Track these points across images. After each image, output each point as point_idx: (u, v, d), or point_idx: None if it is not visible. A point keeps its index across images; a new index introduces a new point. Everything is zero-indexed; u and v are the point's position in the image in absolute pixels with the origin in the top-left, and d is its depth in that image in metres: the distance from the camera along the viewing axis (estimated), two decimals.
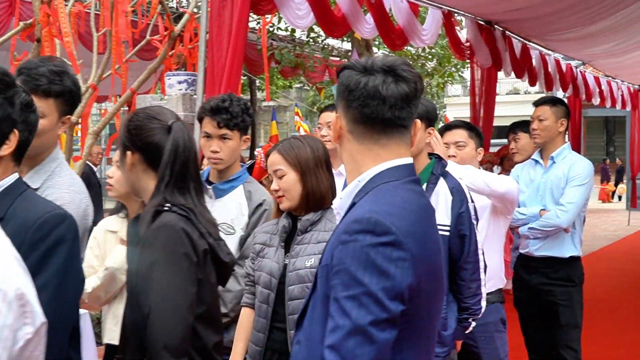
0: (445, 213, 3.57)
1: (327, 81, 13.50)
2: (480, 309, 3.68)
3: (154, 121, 2.46)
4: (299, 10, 6.14)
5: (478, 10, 8.39)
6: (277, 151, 3.23)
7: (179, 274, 2.30)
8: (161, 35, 6.95)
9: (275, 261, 3.20)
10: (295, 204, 3.20)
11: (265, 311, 3.19)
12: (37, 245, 2.02)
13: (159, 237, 2.29)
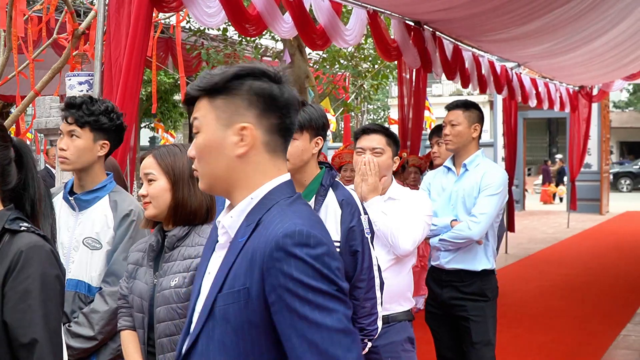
0: (334, 228, 3.32)
1: None
2: (376, 329, 3.44)
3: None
4: (208, 8, 5.82)
5: (405, 9, 8.16)
6: (152, 155, 3.01)
7: (55, 298, 2.13)
8: (68, 33, 6.60)
9: (144, 282, 2.97)
10: (161, 214, 2.96)
11: (142, 336, 2.97)
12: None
13: (33, 260, 2.09)
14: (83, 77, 5.54)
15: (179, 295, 2.83)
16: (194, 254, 2.88)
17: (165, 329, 2.85)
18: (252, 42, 12.07)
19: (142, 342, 2.96)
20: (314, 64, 12.37)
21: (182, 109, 20.67)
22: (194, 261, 2.86)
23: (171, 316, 2.85)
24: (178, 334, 2.82)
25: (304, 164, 3.36)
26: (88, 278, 3.40)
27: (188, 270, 2.86)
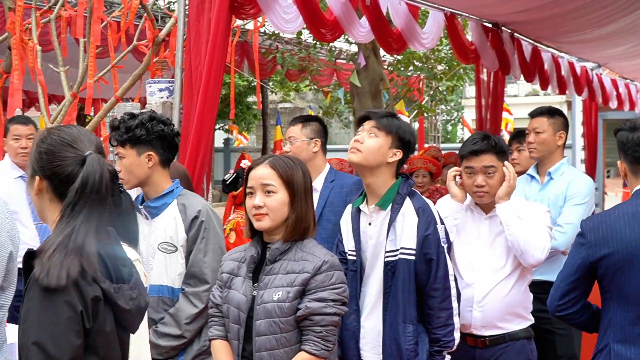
0: (410, 235, 3.35)
1: (335, 84, 13.20)
2: (453, 340, 3.42)
3: (69, 149, 2.17)
4: (285, 14, 5.82)
5: (483, 11, 8.01)
6: (269, 165, 2.94)
7: (59, 324, 1.99)
8: (148, 40, 6.70)
9: (242, 293, 2.93)
10: (275, 227, 2.92)
11: (236, 348, 2.95)
12: None
13: (37, 282, 1.99)
14: (163, 84, 5.62)
15: (282, 310, 2.81)
16: (298, 269, 2.85)
17: (266, 342, 2.83)
18: (327, 45, 12.05)
19: (236, 353, 2.94)
20: (388, 66, 12.27)
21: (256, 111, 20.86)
22: (299, 276, 2.83)
23: (272, 330, 2.82)
24: (278, 348, 2.82)
25: (376, 168, 3.40)
26: (169, 281, 3.49)
27: (292, 285, 2.83)
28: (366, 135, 3.44)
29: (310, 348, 2.81)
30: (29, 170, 2.23)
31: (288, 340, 2.83)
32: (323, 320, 2.82)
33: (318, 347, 2.81)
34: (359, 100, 11.26)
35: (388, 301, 3.39)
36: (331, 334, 2.86)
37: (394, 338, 3.36)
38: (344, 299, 2.90)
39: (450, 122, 34.35)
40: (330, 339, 2.85)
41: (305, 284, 2.83)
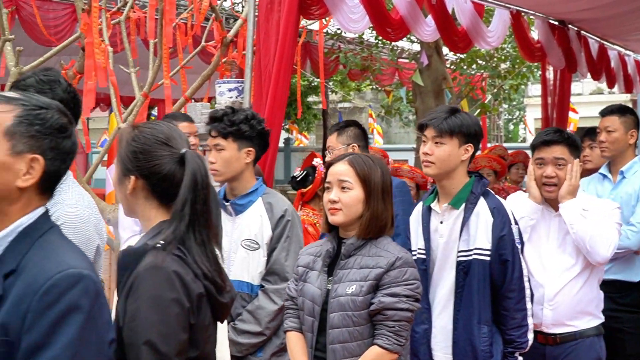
0: (485, 236, 3.35)
1: (397, 83, 13.19)
2: (526, 341, 3.42)
3: (165, 148, 2.20)
4: (352, 13, 5.87)
5: (549, 9, 7.94)
6: (348, 162, 2.99)
7: (168, 322, 2.04)
8: (216, 41, 6.82)
9: (317, 286, 2.99)
10: (348, 222, 2.97)
11: (310, 340, 3.01)
12: (44, 313, 1.69)
13: (146, 281, 2.04)
14: (232, 84, 5.72)
15: (355, 303, 2.85)
16: (372, 264, 2.90)
17: (339, 335, 2.88)
18: (388, 44, 12.05)
19: (310, 345, 2.99)
20: (450, 64, 12.23)
21: (316, 111, 20.94)
22: (372, 271, 2.88)
23: (346, 323, 2.87)
24: (351, 341, 2.86)
25: (451, 170, 3.38)
26: (250, 278, 3.55)
27: (365, 279, 2.87)
28: (432, 145, 3.42)
29: (382, 342, 2.85)
30: (120, 169, 2.23)
31: (361, 333, 2.88)
32: (396, 315, 2.85)
33: (390, 341, 2.85)
34: (422, 99, 11.25)
35: (460, 301, 3.39)
36: (404, 329, 2.89)
37: (468, 339, 3.36)
38: (417, 295, 2.92)
39: (512, 121, 33.93)
40: (403, 334, 2.88)
41: (378, 278, 2.87)
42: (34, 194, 1.83)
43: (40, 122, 1.81)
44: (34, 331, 1.65)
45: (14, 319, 1.66)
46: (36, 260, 1.73)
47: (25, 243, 1.77)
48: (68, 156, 1.88)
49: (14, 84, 2.68)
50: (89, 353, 1.71)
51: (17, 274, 1.72)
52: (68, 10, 9.68)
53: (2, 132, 1.77)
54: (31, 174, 1.79)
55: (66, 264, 1.74)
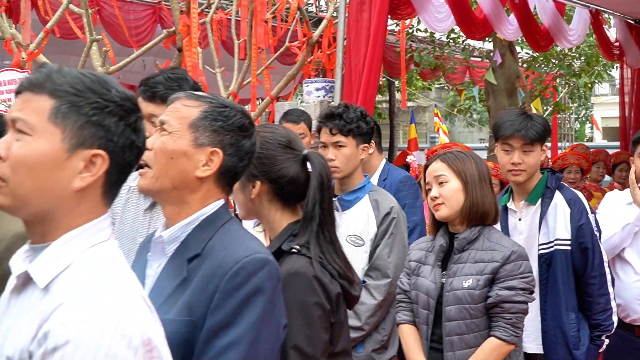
0: (564, 226, 3.45)
1: (468, 82, 13.19)
2: (612, 324, 3.49)
3: (288, 151, 2.27)
4: (438, 13, 5.97)
5: (627, 8, 7.91)
6: (440, 159, 3.12)
7: (312, 325, 2.13)
8: (300, 42, 6.96)
9: (431, 280, 3.07)
10: (454, 214, 3.05)
11: (425, 332, 3.09)
12: (231, 294, 1.77)
13: (290, 287, 2.10)
14: (320, 84, 5.86)
15: (473, 297, 2.94)
16: (487, 258, 2.98)
17: (456, 327, 2.96)
18: (460, 43, 12.08)
19: (425, 337, 3.07)
20: (523, 63, 12.19)
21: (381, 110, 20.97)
22: (488, 265, 2.96)
23: (463, 316, 2.95)
24: (468, 333, 2.95)
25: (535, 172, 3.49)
26: None
27: (482, 273, 2.96)
28: (521, 154, 3.49)
29: (500, 334, 2.93)
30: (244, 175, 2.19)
31: (478, 325, 2.96)
32: (513, 308, 2.94)
33: (508, 333, 2.93)
34: (494, 98, 11.24)
35: (546, 292, 3.48)
36: (520, 321, 2.97)
37: (558, 327, 3.44)
38: (532, 288, 3.01)
39: (578, 119, 33.46)
40: (519, 325, 2.97)
41: (494, 272, 2.95)
42: (213, 186, 1.93)
43: (223, 119, 1.92)
44: (221, 310, 1.75)
45: (200, 299, 1.77)
46: (222, 246, 1.85)
47: (208, 230, 1.88)
48: (246, 155, 1.97)
49: (142, 82, 2.79)
50: (268, 335, 1.82)
51: (202, 258, 1.83)
52: (149, 11, 9.94)
53: (187, 125, 1.90)
54: (209, 166, 1.90)
55: (252, 249, 1.85)
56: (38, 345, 1.33)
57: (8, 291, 1.55)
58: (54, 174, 1.44)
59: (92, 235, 1.48)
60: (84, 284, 1.39)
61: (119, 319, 1.35)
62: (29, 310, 1.42)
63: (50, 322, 1.33)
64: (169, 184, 1.89)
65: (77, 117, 1.45)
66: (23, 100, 1.46)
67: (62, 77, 1.46)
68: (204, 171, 1.90)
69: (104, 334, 1.31)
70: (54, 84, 1.45)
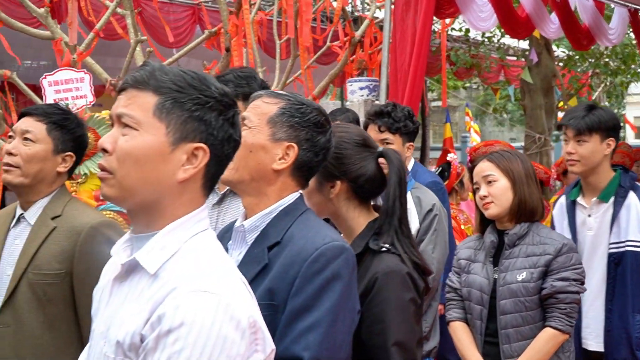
0: (637, 228, 3.47)
1: (503, 81, 13.18)
2: None
3: (365, 149, 2.30)
4: (481, 12, 6.01)
5: None
6: (487, 159, 3.19)
7: (408, 320, 2.19)
8: (341, 41, 7.02)
9: (483, 276, 3.14)
10: (503, 212, 3.12)
11: (479, 327, 3.15)
12: (311, 279, 1.86)
13: (388, 285, 2.16)
14: (364, 83, 5.91)
15: (527, 289, 3.01)
16: (539, 252, 3.05)
17: (512, 320, 3.04)
18: (495, 42, 12.07)
19: (479, 332, 3.14)
20: (559, 61, 12.16)
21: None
22: (541, 258, 3.03)
23: (518, 308, 3.02)
24: (524, 325, 3.02)
25: (596, 166, 3.48)
26: None
27: (535, 266, 3.03)
28: (575, 144, 3.53)
29: (555, 324, 3.00)
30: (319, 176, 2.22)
31: (533, 317, 3.03)
32: (567, 298, 3.01)
33: (563, 322, 3.00)
34: (531, 97, 11.25)
35: (613, 291, 3.51)
36: (574, 311, 3.05)
37: (623, 327, 3.47)
38: (583, 279, 3.08)
39: None
40: (573, 315, 3.04)
41: (547, 264, 3.02)
42: (289, 179, 2.01)
43: (300, 115, 2.01)
44: (302, 295, 1.84)
45: (281, 284, 1.85)
46: (301, 234, 1.93)
47: (287, 220, 1.97)
48: (321, 151, 2.04)
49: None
50: (345, 318, 1.91)
51: (282, 246, 1.92)
52: (188, 12, 10.05)
53: (266, 120, 1.99)
54: (285, 159, 1.98)
55: (330, 237, 1.94)
56: (151, 328, 1.40)
57: (108, 279, 1.64)
58: (159, 166, 1.51)
59: (194, 225, 1.55)
60: (193, 270, 1.46)
61: (228, 302, 1.42)
62: (137, 296, 1.49)
63: (164, 306, 1.40)
64: (247, 175, 1.97)
65: (180, 113, 1.52)
66: (128, 96, 1.53)
67: (165, 75, 1.53)
68: (280, 164, 1.98)
69: (215, 317, 1.39)
70: (158, 81, 1.52)
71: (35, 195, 2.70)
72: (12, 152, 2.65)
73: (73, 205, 2.74)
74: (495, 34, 11.73)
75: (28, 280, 2.58)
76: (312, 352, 1.79)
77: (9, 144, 2.68)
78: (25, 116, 2.73)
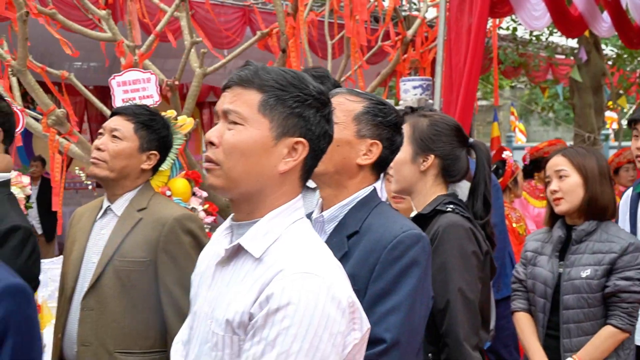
0: None
1: (550, 80, 13.13)
2: None
3: (459, 135, 2.57)
4: (535, 11, 6.06)
5: None
6: (562, 154, 3.24)
7: (470, 271, 2.37)
8: (392, 41, 7.10)
9: (548, 270, 3.20)
10: (572, 209, 3.17)
11: (541, 319, 3.21)
12: (391, 265, 1.99)
13: (451, 235, 2.36)
14: (417, 82, 5.98)
15: (590, 286, 3.06)
16: (605, 249, 3.09)
17: (574, 315, 3.09)
18: (543, 41, 12.03)
19: (541, 325, 3.20)
20: (608, 60, 12.08)
21: None
22: (606, 256, 3.08)
23: (581, 304, 3.08)
24: (586, 321, 3.08)
25: None
26: None
27: (600, 264, 3.07)
28: None
29: (616, 322, 3.05)
30: (415, 148, 2.54)
31: (595, 314, 3.08)
32: (630, 298, 3.05)
33: (624, 321, 3.05)
34: (580, 95, 11.21)
35: None
36: (635, 310, 3.08)
37: None
38: None
39: None
40: (635, 315, 3.07)
41: (612, 263, 3.06)
42: (368, 173, 2.16)
43: (383, 115, 2.15)
44: (382, 280, 1.97)
45: (361, 271, 1.98)
46: (379, 224, 2.07)
47: (363, 211, 2.10)
48: (396, 149, 2.21)
49: None
50: (422, 302, 2.04)
51: (361, 235, 2.05)
52: (238, 13, 10.20)
53: (352, 117, 2.13)
54: (369, 155, 2.13)
55: (407, 226, 2.08)
56: (260, 307, 1.52)
57: (207, 265, 1.77)
58: (263, 159, 1.63)
59: (292, 213, 1.68)
60: (297, 254, 1.58)
61: (329, 284, 1.53)
62: (241, 279, 1.62)
63: (271, 286, 1.52)
64: (332, 168, 2.10)
65: (282, 109, 1.64)
66: (234, 94, 1.66)
67: (268, 74, 1.65)
68: (364, 160, 2.12)
69: (319, 297, 1.50)
70: (262, 80, 1.64)
71: (121, 189, 2.87)
72: (101, 148, 2.82)
73: (157, 199, 2.92)
74: (543, 32, 11.69)
75: (114, 267, 2.74)
76: (393, 334, 1.92)
77: (98, 140, 2.84)
78: (116, 115, 2.90)
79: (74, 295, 2.81)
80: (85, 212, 2.98)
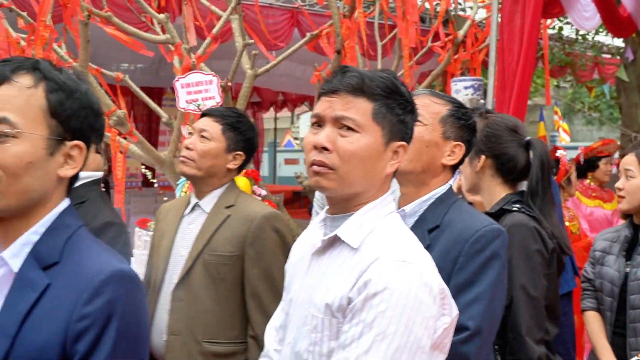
0: None
1: (597, 79, 13.07)
2: None
3: (514, 134, 2.66)
4: (585, 11, 6.11)
5: None
6: (634, 154, 3.28)
7: (535, 269, 2.46)
8: (442, 42, 7.19)
9: (615, 269, 3.24)
10: (633, 209, 3.23)
11: (609, 318, 3.27)
12: (473, 257, 2.09)
13: (515, 235, 2.44)
14: (469, 82, 6.07)
15: None
16: None
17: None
18: (590, 40, 11.98)
19: (609, 323, 3.25)
20: None
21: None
22: None
23: None
24: None
25: None
26: None
27: None
28: None
29: None
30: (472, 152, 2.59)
31: None
32: None
33: None
34: (626, 95, 11.16)
35: None
36: None
37: None
38: None
39: None
40: None
41: None
42: (449, 172, 2.30)
43: (465, 118, 2.29)
44: (465, 271, 2.09)
45: (444, 263, 2.08)
46: (460, 219, 2.19)
47: (442, 207, 2.23)
48: (470, 150, 2.34)
49: None
50: (501, 293, 2.16)
51: (441, 229, 2.17)
52: (286, 15, 10.35)
53: (438, 119, 2.26)
54: (452, 156, 2.27)
55: (487, 220, 2.20)
56: (358, 292, 1.65)
57: (300, 255, 1.91)
58: (376, 163, 1.77)
59: (384, 207, 1.81)
60: (391, 244, 1.71)
61: (422, 271, 1.66)
62: (338, 267, 1.75)
63: (369, 273, 1.65)
64: (420, 167, 2.24)
65: (391, 117, 1.78)
66: (345, 101, 1.76)
67: (372, 81, 1.77)
68: (449, 160, 2.26)
69: (412, 283, 1.63)
70: (370, 88, 1.77)
71: (208, 187, 3.02)
72: (190, 147, 2.97)
73: (243, 197, 3.06)
74: (589, 31, 11.65)
75: (203, 261, 2.88)
76: (476, 322, 2.03)
77: (188, 140, 3.00)
78: (205, 116, 3.05)
79: (162, 286, 2.95)
80: (172, 207, 3.13)
